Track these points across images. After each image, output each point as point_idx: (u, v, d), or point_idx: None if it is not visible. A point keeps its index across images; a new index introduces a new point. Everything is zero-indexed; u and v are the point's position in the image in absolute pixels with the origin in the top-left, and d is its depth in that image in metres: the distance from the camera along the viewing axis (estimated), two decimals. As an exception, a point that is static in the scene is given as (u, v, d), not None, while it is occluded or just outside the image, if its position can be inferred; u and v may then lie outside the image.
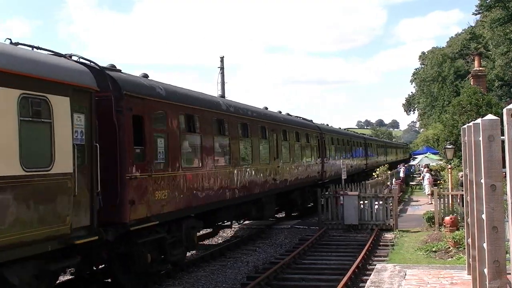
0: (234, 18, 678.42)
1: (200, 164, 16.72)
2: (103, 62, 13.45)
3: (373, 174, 37.15)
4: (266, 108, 25.54)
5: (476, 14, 69.85)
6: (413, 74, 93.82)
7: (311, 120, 33.71)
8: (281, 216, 29.41)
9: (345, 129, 51.38)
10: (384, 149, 68.96)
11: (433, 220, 22.79)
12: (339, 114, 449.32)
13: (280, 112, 27.93)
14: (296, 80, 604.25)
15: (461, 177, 23.32)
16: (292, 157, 26.26)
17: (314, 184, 29.34)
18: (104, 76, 12.61)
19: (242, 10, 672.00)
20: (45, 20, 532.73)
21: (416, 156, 69.87)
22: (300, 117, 31.93)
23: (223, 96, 36.46)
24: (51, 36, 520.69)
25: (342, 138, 38.92)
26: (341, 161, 33.84)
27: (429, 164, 48.27)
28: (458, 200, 22.74)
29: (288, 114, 29.38)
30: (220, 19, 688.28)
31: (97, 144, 11.54)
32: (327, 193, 24.88)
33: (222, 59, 40.85)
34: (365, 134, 63.96)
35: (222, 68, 40.49)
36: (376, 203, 24.07)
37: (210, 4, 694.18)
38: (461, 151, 11.73)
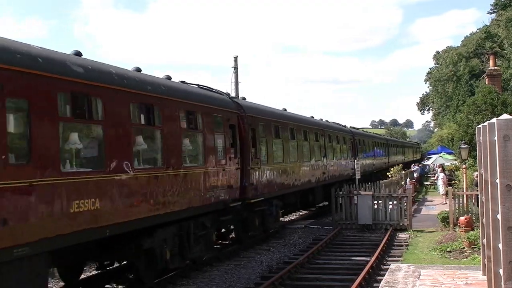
0: (247, 18, 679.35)
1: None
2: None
3: (387, 174, 37.03)
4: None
5: (491, 13, 69.51)
6: (427, 73, 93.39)
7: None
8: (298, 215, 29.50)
9: (358, 129, 51.39)
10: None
11: (447, 220, 22.70)
12: (352, 114, 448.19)
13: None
14: (309, 79, 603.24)
15: (476, 177, 23.17)
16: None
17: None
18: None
19: (256, 9, 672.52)
20: (60, 20, 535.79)
21: (430, 156, 69.57)
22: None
23: (236, 95, 36.50)
24: (67, 36, 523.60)
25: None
26: (355, 161, 33.77)
27: (443, 164, 48.04)
28: (473, 200, 22.63)
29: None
30: (234, 18, 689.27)
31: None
32: (341, 192, 24.84)
33: (236, 59, 40.85)
34: (380, 134, 64.80)
35: (236, 68, 40.49)
36: (390, 203, 24.01)
37: (224, 3, 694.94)
38: (476, 151, 11.69)
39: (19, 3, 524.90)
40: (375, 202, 24.00)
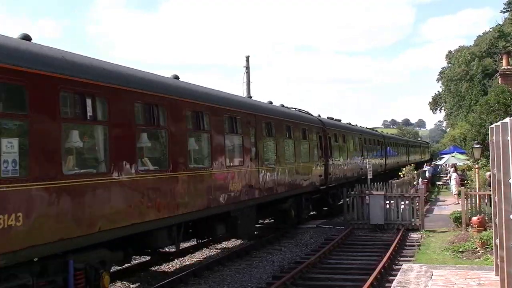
0: (259, 17, 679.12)
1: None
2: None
3: (399, 173, 36.92)
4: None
5: (504, 12, 69.13)
6: (440, 73, 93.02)
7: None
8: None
9: (370, 128, 51.49)
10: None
11: (460, 220, 22.61)
12: (364, 113, 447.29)
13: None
14: (321, 79, 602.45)
15: (489, 177, 23.07)
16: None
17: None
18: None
19: (267, 8, 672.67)
20: (73, 20, 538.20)
21: (442, 156, 69.27)
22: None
23: (249, 96, 36.52)
24: (80, 36, 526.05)
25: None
26: (366, 160, 33.72)
27: (456, 163, 47.84)
28: (486, 200, 22.54)
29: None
30: (245, 17, 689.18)
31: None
32: (353, 192, 24.81)
33: (247, 58, 40.87)
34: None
35: (247, 68, 40.52)
36: (402, 203, 23.94)
37: (235, 2, 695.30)
38: (488, 150, 11.64)
39: (33, 3, 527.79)
40: (387, 202, 23.95)
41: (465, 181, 34.46)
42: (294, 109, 27.48)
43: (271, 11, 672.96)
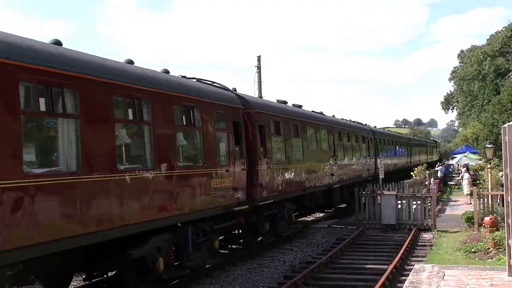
0: (270, 17, 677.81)
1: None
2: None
3: (411, 173, 36.81)
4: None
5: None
6: (452, 72, 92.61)
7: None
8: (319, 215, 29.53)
9: (383, 128, 51.56)
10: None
11: (472, 221, 22.51)
12: (376, 113, 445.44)
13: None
14: (333, 79, 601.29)
15: (501, 177, 22.98)
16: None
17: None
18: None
19: (280, 8, 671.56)
20: (85, 20, 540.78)
21: (455, 156, 69.01)
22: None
23: (260, 96, 36.48)
24: (92, 36, 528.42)
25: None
26: (379, 160, 33.63)
27: (468, 163, 47.64)
28: (498, 201, 22.42)
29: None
30: (257, 17, 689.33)
31: None
32: (364, 192, 24.75)
33: (259, 58, 40.80)
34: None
35: (259, 68, 40.46)
36: (414, 203, 23.87)
37: (248, 2, 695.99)
38: (501, 150, 11.59)
39: (46, 3, 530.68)
40: (399, 202, 23.88)
41: (477, 181, 34.35)
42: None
43: (279, 10, 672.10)
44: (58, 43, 10.92)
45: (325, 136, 25.96)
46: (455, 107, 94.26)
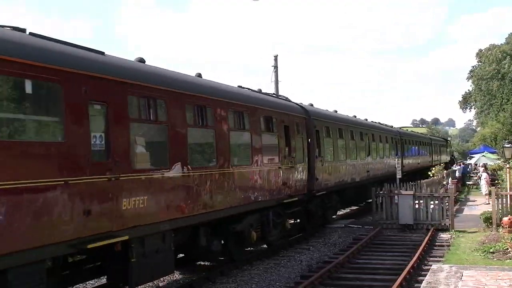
0: (287, 15, 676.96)
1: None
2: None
3: (429, 173, 36.64)
4: (336, 111, 30.24)
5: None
6: (470, 71, 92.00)
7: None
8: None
9: (400, 127, 51.17)
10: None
11: (490, 221, 22.34)
12: (393, 112, 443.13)
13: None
14: (347, 79, 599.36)
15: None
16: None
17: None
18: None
19: (296, 7, 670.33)
20: (103, 20, 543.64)
21: (473, 155, 68.58)
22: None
23: (276, 93, 36.43)
24: (110, 35, 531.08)
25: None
26: (396, 160, 33.48)
27: (486, 163, 47.28)
28: (517, 201, 22.24)
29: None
30: (273, 17, 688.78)
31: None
32: (381, 192, 24.66)
33: (276, 57, 40.83)
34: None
35: (276, 67, 40.47)
36: (432, 202, 23.74)
37: (264, 3, 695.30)
38: (520, 150, 11.49)
39: (65, 3, 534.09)
40: (416, 201, 23.77)
41: (496, 181, 34.09)
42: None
43: (298, 10, 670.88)
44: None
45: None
46: (473, 106, 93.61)
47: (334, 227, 24.94)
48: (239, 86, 18.45)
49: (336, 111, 29.36)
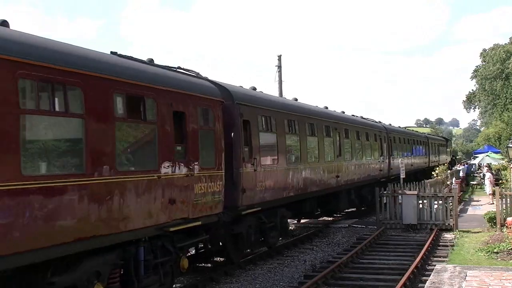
0: (291, 15, 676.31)
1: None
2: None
3: (432, 173, 36.60)
4: (343, 112, 29.69)
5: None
6: (474, 71, 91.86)
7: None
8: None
9: (404, 127, 50.80)
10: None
11: (494, 221, 22.33)
12: (397, 112, 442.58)
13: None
14: (351, 77, 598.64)
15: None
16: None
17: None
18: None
19: (301, 7, 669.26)
20: (108, 20, 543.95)
21: (477, 155, 68.52)
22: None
23: (280, 94, 36.48)
24: (115, 35, 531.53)
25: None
26: (400, 160, 33.45)
27: (490, 163, 47.21)
28: (521, 200, 22.20)
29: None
30: (278, 16, 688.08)
31: None
32: (385, 192, 24.64)
33: (279, 57, 40.87)
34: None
35: (279, 67, 40.50)
36: (436, 202, 23.72)
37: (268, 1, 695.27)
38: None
39: (69, 3, 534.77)
40: (420, 201, 23.75)
41: (500, 181, 34.04)
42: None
43: (302, 10, 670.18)
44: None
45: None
46: (477, 106, 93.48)
47: (337, 227, 24.96)
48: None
49: (343, 112, 28.04)
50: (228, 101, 15.25)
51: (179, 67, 14.46)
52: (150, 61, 13.24)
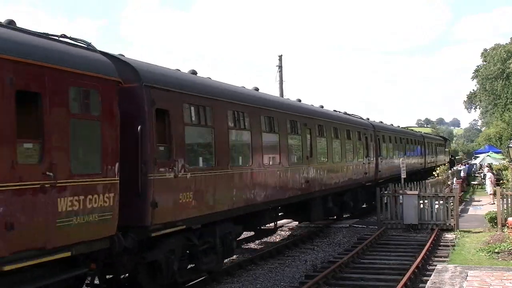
0: (292, 15, 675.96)
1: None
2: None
3: (433, 173, 36.58)
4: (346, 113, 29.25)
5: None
6: (475, 71, 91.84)
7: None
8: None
9: (405, 127, 50.65)
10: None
11: (495, 221, 22.31)
12: (398, 112, 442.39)
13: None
14: (351, 77, 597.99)
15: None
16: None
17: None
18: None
19: (301, 8, 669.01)
20: (108, 20, 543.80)
21: (477, 155, 68.50)
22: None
23: (281, 94, 36.47)
24: (115, 35, 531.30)
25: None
26: (400, 160, 33.43)
27: (491, 163, 47.17)
28: (522, 200, 22.18)
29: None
30: (278, 16, 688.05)
31: None
32: (386, 192, 24.63)
33: (280, 57, 40.88)
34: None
35: (280, 67, 40.50)
36: (437, 202, 23.72)
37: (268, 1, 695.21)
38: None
39: (70, 3, 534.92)
40: (421, 201, 23.74)
41: (501, 181, 34.03)
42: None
43: (303, 10, 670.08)
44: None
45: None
46: (478, 106, 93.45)
47: (338, 227, 24.95)
48: None
49: (345, 112, 27.98)
50: (132, 83, 11.38)
51: (63, 35, 10.43)
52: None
